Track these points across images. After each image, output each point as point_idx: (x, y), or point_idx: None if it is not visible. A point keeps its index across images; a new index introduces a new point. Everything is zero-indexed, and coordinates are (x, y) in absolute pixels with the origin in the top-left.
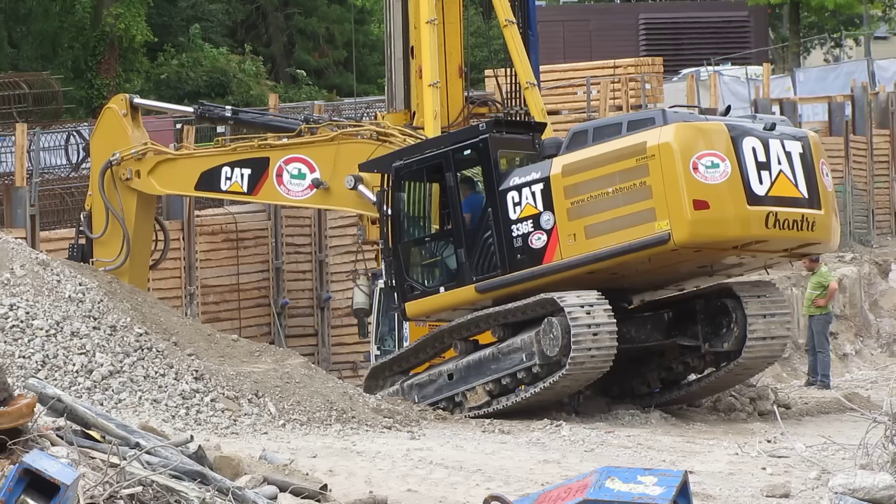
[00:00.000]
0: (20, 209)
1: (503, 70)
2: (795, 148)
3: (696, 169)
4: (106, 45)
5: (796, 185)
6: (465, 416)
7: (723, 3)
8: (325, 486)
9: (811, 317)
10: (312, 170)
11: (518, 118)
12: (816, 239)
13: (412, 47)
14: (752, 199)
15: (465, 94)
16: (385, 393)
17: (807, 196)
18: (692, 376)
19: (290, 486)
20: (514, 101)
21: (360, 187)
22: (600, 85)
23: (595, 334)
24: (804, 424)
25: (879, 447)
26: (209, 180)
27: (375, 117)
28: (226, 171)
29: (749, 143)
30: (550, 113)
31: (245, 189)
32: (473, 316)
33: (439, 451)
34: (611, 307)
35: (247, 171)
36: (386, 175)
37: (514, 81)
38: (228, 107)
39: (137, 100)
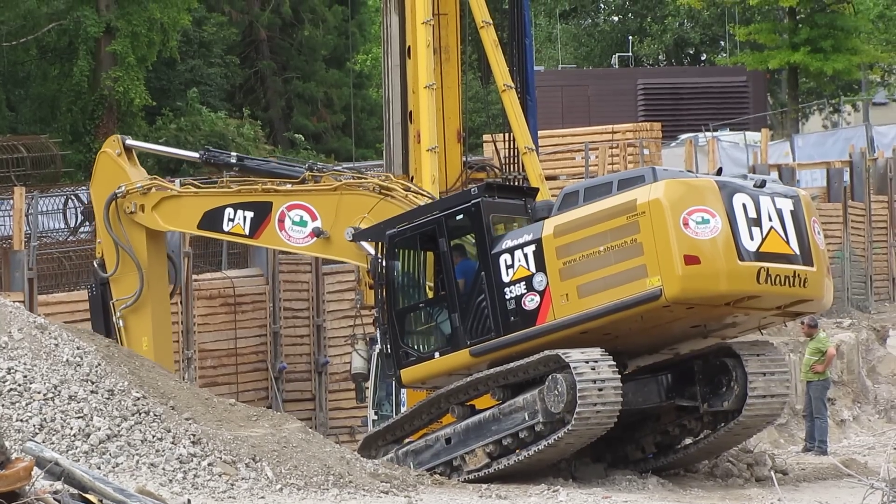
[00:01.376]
0: (18, 273)
1: (501, 135)
2: (786, 205)
3: (686, 224)
4: (104, 108)
5: (787, 242)
6: (465, 480)
7: (721, 68)
8: None
9: (809, 382)
10: (314, 218)
11: (516, 183)
12: (809, 296)
13: (410, 112)
14: (744, 254)
15: (464, 158)
16: (379, 462)
17: (798, 253)
18: (688, 440)
19: None
20: (512, 166)
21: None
22: (598, 150)
23: (601, 389)
24: (801, 490)
25: None
26: (212, 220)
27: None
28: (229, 212)
29: (739, 200)
30: (548, 178)
31: (247, 232)
32: (472, 378)
33: None
34: (615, 363)
35: (249, 214)
36: (380, 243)
37: (512, 146)
38: (234, 153)
39: (129, 141)
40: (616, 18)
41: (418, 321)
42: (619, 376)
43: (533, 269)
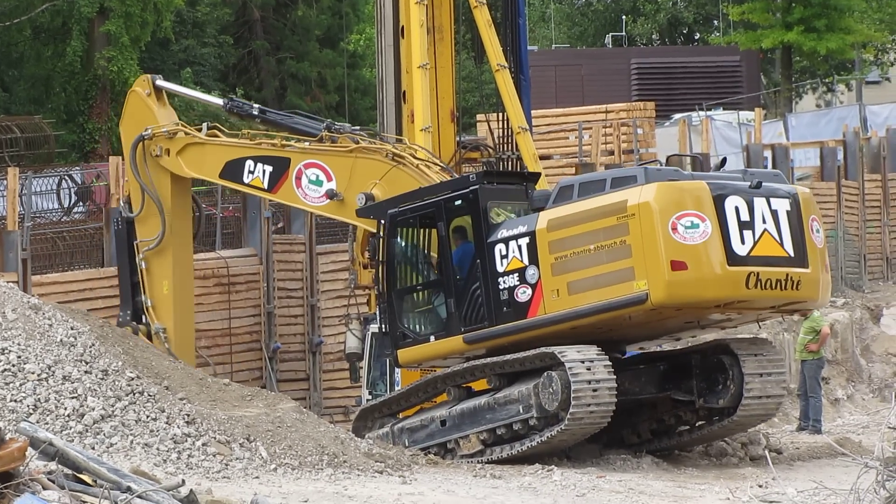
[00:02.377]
0: (12, 253)
1: (495, 115)
2: (782, 206)
3: (675, 229)
4: (98, 88)
5: (781, 244)
6: (457, 462)
7: (715, 48)
8: None
9: (803, 362)
10: (329, 178)
11: (510, 163)
12: (802, 297)
13: (404, 92)
14: (733, 259)
15: (457, 138)
16: (374, 435)
17: (793, 254)
18: (683, 427)
19: None
20: (505, 145)
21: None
22: (592, 130)
23: (595, 390)
24: (796, 469)
25: (871, 492)
26: (233, 171)
27: None
28: (249, 164)
29: (732, 203)
30: (542, 158)
31: (266, 186)
32: (469, 365)
33: (431, 495)
34: (611, 363)
35: (269, 168)
36: (381, 221)
37: (506, 126)
38: (256, 105)
39: (160, 81)
40: None
41: (416, 303)
42: (614, 377)
43: (526, 261)
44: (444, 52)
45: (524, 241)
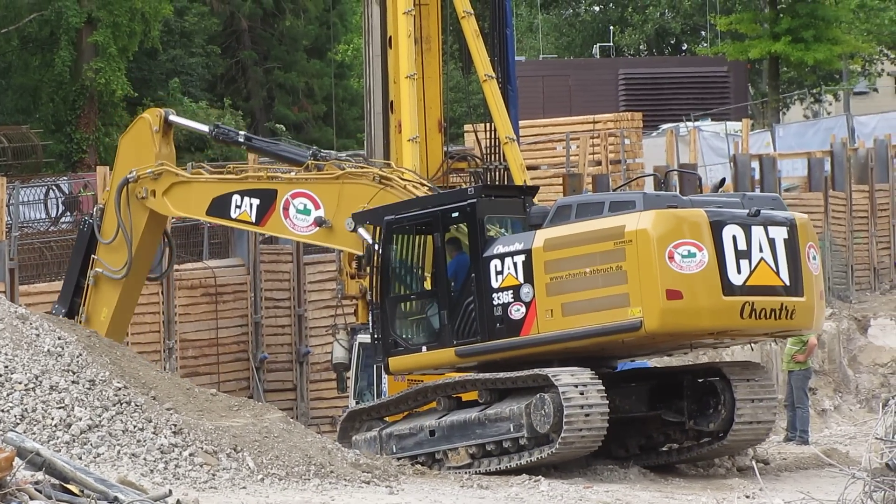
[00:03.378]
0: None
1: (482, 125)
2: (780, 234)
3: (671, 258)
4: (85, 99)
5: (777, 273)
6: (445, 473)
7: (703, 58)
8: None
9: (790, 372)
10: (317, 206)
11: (497, 173)
12: (796, 326)
13: (391, 102)
14: (728, 289)
15: (445, 148)
16: (361, 438)
17: (788, 283)
18: (672, 444)
19: None
20: (493, 155)
21: (360, 230)
22: (580, 140)
23: (587, 415)
24: (783, 480)
25: (858, 503)
26: (220, 207)
27: None
28: (236, 198)
29: (730, 231)
30: (529, 168)
31: (253, 219)
32: (461, 378)
33: None
34: (604, 388)
35: (255, 202)
36: (377, 227)
37: (493, 136)
38: (242, 132)
39: (172, 117)
40: (597, 8)
41: (409, 311)
42: (607, 402)
43: (521, 279)
44: (432, 62)
45: (520, 259)
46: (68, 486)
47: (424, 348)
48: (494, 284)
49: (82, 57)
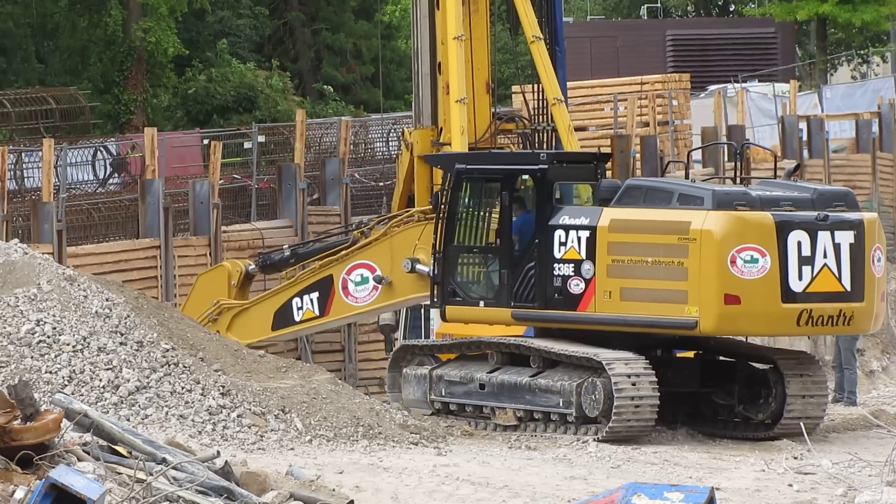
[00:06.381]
0: (47, 224)
1: (530, 86)
2: (846, 238)
3: (733, 262)
4: (133, 59)
5: (839, 279)
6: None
7: (750, 19)
8: (351, 502)
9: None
10: (373, 270)
11: (545, 135)
12: (852, 331)
13: (439, 63)
14: (787, 296)
15: (493, 110)
16: (412, 372)
17: (849, 289)
18: (719, 418)
19: (316, 502)
20: (541, 117)
21: (418, 266)
22: (627, 101)
23: (637, 406)
24: (831, 441)
25: None
26: (283, 317)
27: (403, 133)
28: (296, 301)
29: (795, 237)
30: (577, 129)
31: (317, 313)
32: (517, 341)
33: (466, 466)
34: (656, 380)
35: (315, 295)
36: (448, 174)
37: (541, 98)
38: (285, 245)
39: (253, 268)
40: None
41: (471, 263)
42: (658, 394)
43: (583, 255)
44: (480, 23)
45: (584, 235)
46: (116, 448)
47: (482, 303)
48: (557, 255)
49: (131, 17)
